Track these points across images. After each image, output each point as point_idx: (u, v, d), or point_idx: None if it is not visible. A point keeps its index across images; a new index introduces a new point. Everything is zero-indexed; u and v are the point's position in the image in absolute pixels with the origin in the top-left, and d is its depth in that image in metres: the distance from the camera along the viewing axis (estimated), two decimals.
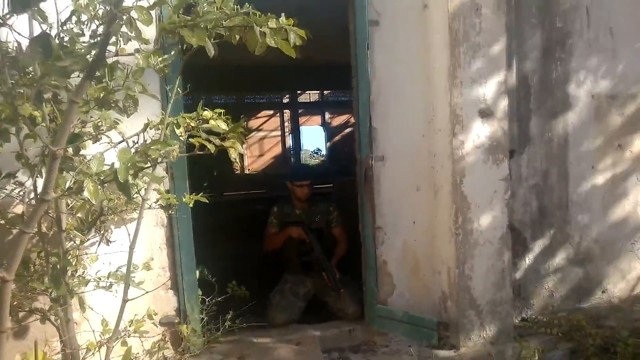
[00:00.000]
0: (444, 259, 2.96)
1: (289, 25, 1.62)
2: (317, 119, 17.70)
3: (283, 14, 1.66)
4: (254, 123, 17.25)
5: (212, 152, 1.74)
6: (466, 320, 2.84)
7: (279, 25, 1.61)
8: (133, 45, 1.76)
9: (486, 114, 2.77)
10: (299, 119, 14.00)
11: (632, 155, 3.50)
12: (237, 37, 1.64)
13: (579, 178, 3.39)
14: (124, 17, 1.39)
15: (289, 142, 15.85)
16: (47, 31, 1.57)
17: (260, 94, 13.45)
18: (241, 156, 15.75)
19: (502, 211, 2.86)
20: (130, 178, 1.36)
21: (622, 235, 3.52)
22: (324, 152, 17.78)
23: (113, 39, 1.58)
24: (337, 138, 16.95)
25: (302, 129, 15.89)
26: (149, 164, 1.59)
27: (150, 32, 1.90)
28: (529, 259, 3.32)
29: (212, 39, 1.62)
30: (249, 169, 16.95)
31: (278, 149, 17.47)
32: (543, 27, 3.22)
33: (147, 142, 1.72)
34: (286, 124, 16.07)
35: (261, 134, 17.92)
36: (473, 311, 2.85)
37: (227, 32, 1.64)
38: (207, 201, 2.27)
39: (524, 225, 3.29)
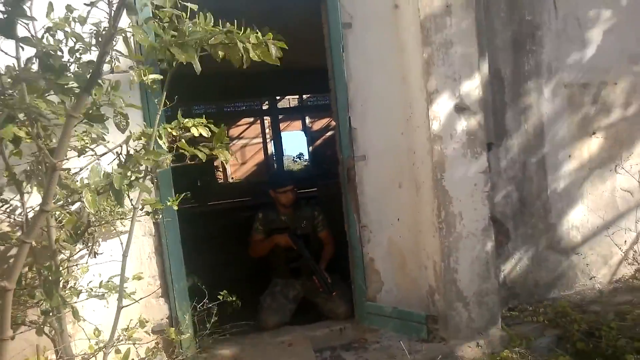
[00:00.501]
0: (429, 254, 3.02)
1: (269, 39, 1.69)
2: (298, 124, 17.73)
3: (257, 28, 1.72)
4: (234, 131, 17.21)
5: (203, 160, 1.79)
6: (454, 312, 2.89)
7: (259, 41, 1.67)
8: (123, 61, 1.80)
9: (462, 108, 2.84)
10: (280, 124, 14.00)
11: (607, 143, 3.60)
12: (221, 53, 1.70)
13: (557, 167, 3.47)
14: (121, 36, 1.43)
15: (271, 148, 15.84)
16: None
17: (239, 101, 13.43)
18: (224, 165, 15.72)
19: (483, 203, 2.92)
20: (124, 188, 1.39)
21: (602, 222, 3.61)
22: (306, 156, 17.79)
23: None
24: (318, 142, 16.98)
25: (284, 134, 15.89)
26: (142, 174, 1.62)
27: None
28: (512, 249, 3.39)
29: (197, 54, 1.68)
30: (232, 178, 16.89)
31: (260, 156, 17.42)
32: (512, 21, 3.30)
33: (132, 153, 1.75)
34: (267, 130, 16.06)
35: (242, 141, 17.88)
36: (460, 303, 2.90)
37: (211, 49, 1.69)
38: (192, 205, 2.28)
39: (506, 216, 3.36)
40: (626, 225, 3.66)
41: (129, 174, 1.60)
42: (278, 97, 13.37)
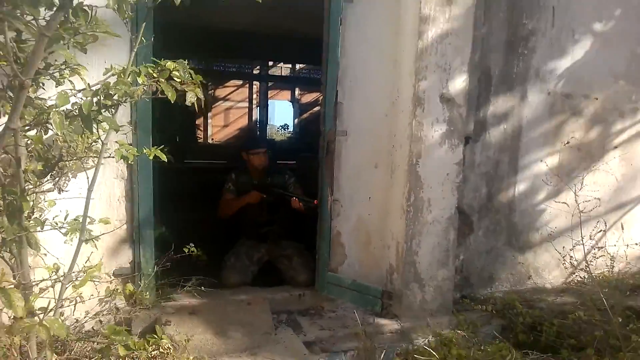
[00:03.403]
0: (394, 234, 3.11)
1: None
2: (287, 94, 17.58)
3: None
4: (221, 92, 16.98)
5: (172, 99, 1.78)
6: (409, 292, 3.01)
7: None
8: None
9: (447, 99, 2.90)
10: (269, 92, 13.88)
11: (579, 154, 3.72)
12: None
13: (528, 170, 3.58)
14: None
15: (256, 115, 15.70)
16: None
17: (230, 61, 13.23)
18: (205, 125, 15.56)
19: (452, 193, 3.02)
20: (92, 115, 1.40)
21: (563, 227, 3.73)
22: (291, 128, 17.69)
23: None
24: (305, 115, 16.91)
25: (271, 102, 15.77)
26: (112, 102, 1.62)
27: None
28: (473, 241, 3.51)
29: None
30: (212, 139, 16.73)
31: (244, 121, 17.25)
32: (510, 23, 3.35)
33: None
34: (255, 96, 15.89)
35: (228, 104, 17.66)
36: (416, 284, 3.02)
37: None
38: (165, 159, 2.27)
39: (472, 209, 3.47)
40: (582, 234, 3.78)
41: (99, 101, 1.60)
42: (270, 63, 13.23)
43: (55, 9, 1.54)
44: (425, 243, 2.99)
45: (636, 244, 3.69)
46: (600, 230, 3.41)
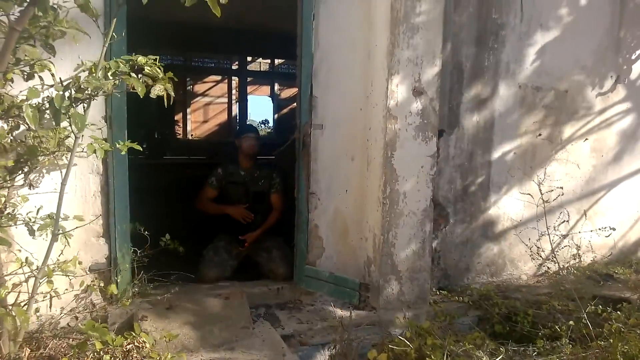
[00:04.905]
0: (371, 226, 3.15)
1: None
2: (266, 89, 17.45)
3: None
4: (200, 87, 16.83)
5: (141, 94, 1.78)
6: (387, 284, 3.05)
7: None
8: None
9: (419, 92, 2.95)
10: (248, 87, 13.78)
11: (550, 145, 3.81)
12: None
13: (501, 161, 3.65)
14: None
15: (236, 110, 15.59)
16: None
17: (208, 57, 13.12)
18: (184, 120, 15.42)
19: (427, 185, 3.07)
20: (63, 109, 1.39)
21: (535, 217, 3.82)
22: (271, 123, 17.62)
23: None
24: (285, 110, 16.84)
25: (250, 98, 15.64)
26: (83, 96, 1.62)
27: None
28: (449, 233, 3.57)
29: None
30: (191, 135, 16.58)
31: (223, 117, 17.12)
32: (479, 17, 3.41)
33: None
34: (234, 91, 15.77)
35: (207, 99, 17.52)
36: (394, 276, 3.06)
37: None
38: (141, 149, 2.26)
39: (448, 201, 3.53)
40: (554, 226, 3.87)
41: (70, 95, 1.58)
42: (249, 59, 13.16)
43: (25, 4, 1.54)
44: (402, 235, 3.04)
45: (611, 228, 3.75)
46: (564, 221, 3.51)
